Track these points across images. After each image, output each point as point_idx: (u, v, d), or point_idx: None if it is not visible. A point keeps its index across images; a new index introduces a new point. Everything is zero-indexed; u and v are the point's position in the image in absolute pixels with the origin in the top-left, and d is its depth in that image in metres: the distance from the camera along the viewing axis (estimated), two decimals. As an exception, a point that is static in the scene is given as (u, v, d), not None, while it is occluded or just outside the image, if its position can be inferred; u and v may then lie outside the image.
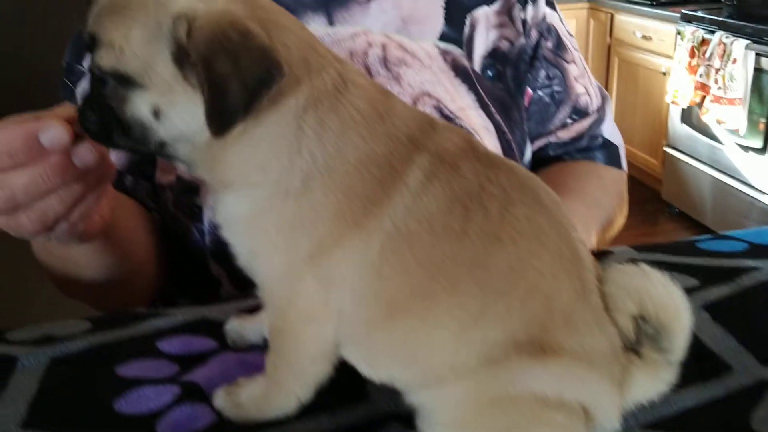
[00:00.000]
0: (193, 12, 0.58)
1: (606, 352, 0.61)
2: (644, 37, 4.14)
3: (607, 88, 4.55)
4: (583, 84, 1.18)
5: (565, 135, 1.16)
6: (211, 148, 0.62)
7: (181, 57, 0.58)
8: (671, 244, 0.97)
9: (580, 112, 1.16)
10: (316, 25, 1.02)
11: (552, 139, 1.16)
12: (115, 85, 0.60)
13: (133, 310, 0.85)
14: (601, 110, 1.19)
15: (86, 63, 1.05)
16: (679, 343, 0.60)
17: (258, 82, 0.57)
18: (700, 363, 0.71)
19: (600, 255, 0.94)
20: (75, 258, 0.88)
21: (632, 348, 0.62)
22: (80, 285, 0.93)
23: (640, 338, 0.61)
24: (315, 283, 0.61)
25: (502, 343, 0.59)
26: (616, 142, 1.21)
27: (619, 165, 1.20)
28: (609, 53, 4.51)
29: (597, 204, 1.08)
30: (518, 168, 0.66)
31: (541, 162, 1.17)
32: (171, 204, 1.02)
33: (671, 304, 0.60)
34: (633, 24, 4.24)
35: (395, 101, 0.65)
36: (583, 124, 1.17)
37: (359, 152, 0.60)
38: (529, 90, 1.13)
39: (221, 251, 0.98)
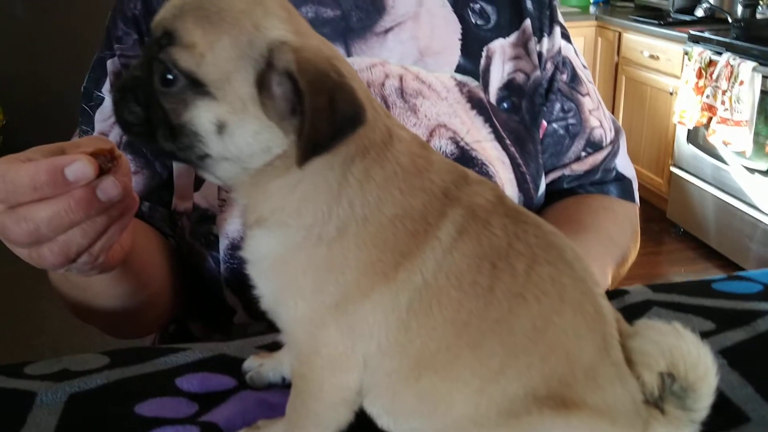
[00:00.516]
0: (294, 43, 0.58)
1: (628, 408, 0.61)
2: (652, 56, 4.14)
3: (614, 106, 4.55)
4: (598, 117, 1.18)
5: (579, 168, 1.17)
6: (257, 174, 0.62)
7: (264, 80, 0.58)
8: (687, 284, 0.97)
9: (594, 145, 1.16)
10: None
11: (566, 171, 1.17)
12: (184, 87, 0.60)
13: (150, 346, 0.86)
14: (615, 143, 1.19)
15: (105, 89, 1.05)
16: (704, 403, 0.61)
17: (346, 122, 0.57)
18: (718, 413, 0.70)
19: (616, 294, 0.94)
20: (92, 286, 0.88)
21: (654, 404, 0.62)
22: (96, 312, 0.93)
23: (665, 395, 0.61)
24: (339, 332, 0.62)
25: (522, 397, 0.60)
26: (629, 176, 1.21)
27: (632, 198, 1.20)
28: (616, 71, 4.52)
29: (612, 241, 1.08)
30: (544, 224, 0.67)
31: (554, 194, 1.17)
32: (187, 232, 1.02)
33: (701, 365, 0.60)
34: (640, 43, 4.25)
35: (433, 154, 0.66)
36: (597, 157, 1.17)
37: (396, 206, 0.61)
38: (544, 122, 1.14)
39: (236, 279, 0.98)
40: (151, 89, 0.61)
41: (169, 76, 0.60)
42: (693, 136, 3.82)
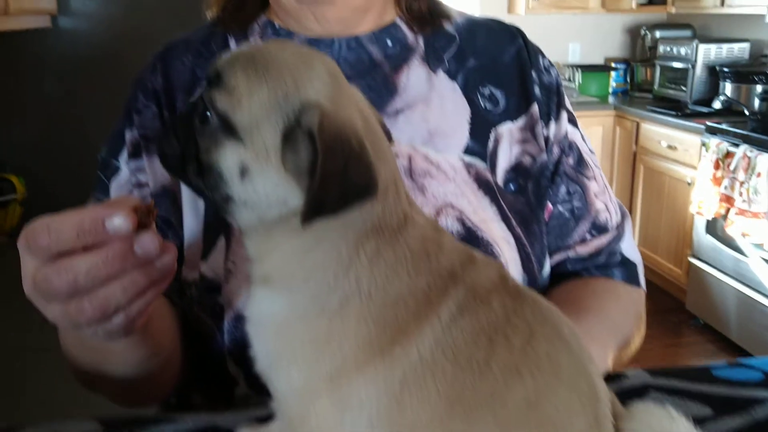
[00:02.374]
0: (325, 107, 0.62)
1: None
2: (669, 146, 4.18)
3: (632, 196, 4.57)
4: (603, 201, 1.19)
5: (583, 250, 1.17)
6: (273, 227, 0.65)
7: (291, 135, 0.62)
8: (686, 370, 0.96)
9: (599, 228, 1.17)
10: None
11: (570, 254, 1.17)
12: (217, 127, 0.63)
13: (144, 413, 0.86)
14: (620, 227, 1.20)
15: (122, 159, 1.09)
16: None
17: (354, 192, 0.60)
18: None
19: (613, 377, 0.93)
20: (109, 351, 0.88)
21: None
22: (107, 378, 0.93)
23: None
24: (330, 405, 0.62)
25: None
26: (634, 260, 1.21)
27: (637, 283, 1.20)
28: (634, 161, 4.55)
29: (615, 325, 1.08)
30: (542, 301, 0.68)
31: (558, 277, 1.18)
32: (195, 302, 1.03)
33: None
34: (658, 133, 4.29)
35: (444, 237, 0.68)
36: (602, 240, 1.17)
37: (402, 287, 0.62)
38: (549, 205, 1.15)
39: (239, 350, 0.99)
40: (192, 126, 0.66)
41: (207, 114, 0.64)
42: (712, 227, 3.81)
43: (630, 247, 1.21)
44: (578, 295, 1.11)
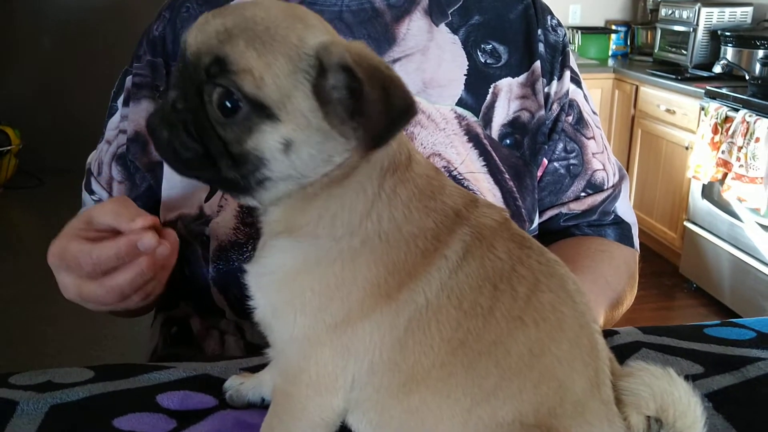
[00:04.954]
0: (341, 43, 0.60)
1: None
2: (668, 110, 4.16)
3: (629, 159, 4.56)
4: (601, 160, 1.19)
5: (576, 207, 1.17)
6: (308, 188, 0.63)
7: (319, 90, 0.59)
8: (679, 328, 0.96)
9: (594, 187, 1.17)
10: None
11: (563, 210, 1.17)
12: (248, 113, 0.59)
13: (135, 363, 0.86)
14: (616, 187, 1.20)
15: (119, 102, 1.11)
16: (687, 452, 0.60)
17: (400, 114, 0.58)
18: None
19: (605, 334, 0.93)
20: None
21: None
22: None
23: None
24: (333, 352, 0.62)
25: (510, 422, 0.60)
26: (629, 221, 1.21)
27: (631, 243, 1.20)
28: (633, 124, 4.53)
29: (607, 283, 1.08)
30: (547, 252, 0.68)
31: (551, 234, 1.18)
32: (184, 233, 1.04)
33: (691, 414, 0.60)
34: (657, 97, 4.26)
35: (445, 179, 0.68)
36: (596, 199, 1.17)
37: (413, 225, 0.62)
38: (545, 161, 1.15)
39: (222, 280, 1.01)
40: (206, 121, 0.61)
41: (228, 104, 0.59)
42: (708, 192, 3.80)
43: (625, 208, 1.21)
44: (571, 254, 1.11)
